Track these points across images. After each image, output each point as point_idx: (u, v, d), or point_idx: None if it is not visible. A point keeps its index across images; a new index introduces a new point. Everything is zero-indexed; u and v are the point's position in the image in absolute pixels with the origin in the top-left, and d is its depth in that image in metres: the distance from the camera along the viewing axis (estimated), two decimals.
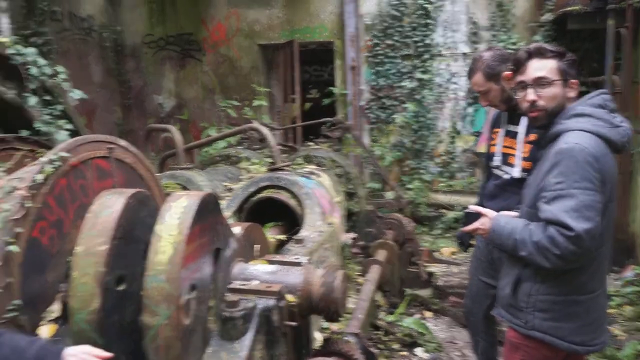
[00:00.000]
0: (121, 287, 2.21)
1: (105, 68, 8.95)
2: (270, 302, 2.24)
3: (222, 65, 9.00)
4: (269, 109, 8.65)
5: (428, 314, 4.91)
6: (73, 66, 6.81)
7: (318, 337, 2.91)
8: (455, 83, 8.18)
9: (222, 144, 6.09)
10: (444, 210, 7.56)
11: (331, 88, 8.50)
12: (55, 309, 2.37)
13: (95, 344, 2.08)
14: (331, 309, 2.40)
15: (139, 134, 8.81)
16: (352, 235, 4.20)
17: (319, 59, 10.91)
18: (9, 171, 2.53)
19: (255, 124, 4.32)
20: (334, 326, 3.18)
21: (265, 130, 4.19)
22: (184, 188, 4.01)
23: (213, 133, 7.41)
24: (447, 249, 6.81)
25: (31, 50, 3.38)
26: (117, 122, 9.20)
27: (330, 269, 2.50)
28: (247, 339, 2.12)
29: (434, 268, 5.66)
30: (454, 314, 4.76)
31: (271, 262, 2.66)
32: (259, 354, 2.21)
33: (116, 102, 9.22)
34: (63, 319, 2.36)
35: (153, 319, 1.99)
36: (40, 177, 2.31)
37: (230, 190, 4.12)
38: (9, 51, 3.22)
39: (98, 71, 8.79)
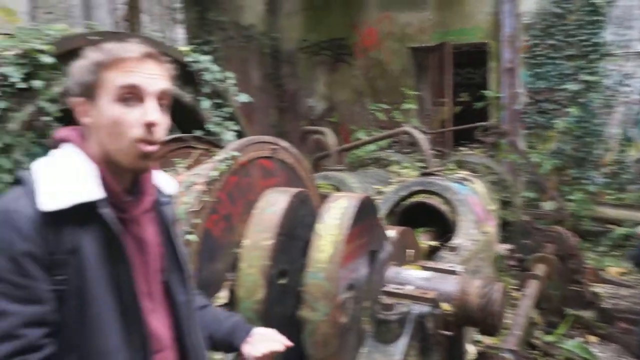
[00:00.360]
0: (283, 281, 2.32)
1: (263, 73, 9.54)
2: (425, 308, 2.20)
3: (372, 69, 9.10)
4: (418, 113, 8.55)
5: (592, 338, 4.46)
6: (235, 71, 7.36)
7: (471, 350, 2.79)
8: (628, 85, 7.36)
9: (371, 146, 6.15)
10: (611, 226, 6.82)
11: (484, 91, 8.14)
12: (223, 296, 2.56)
13: None
14: (489, 322, 2.28)
15: (292, 135, 9.25)
16: (507, 246, 3.97)
17: (471, 61, 10.54)
18: (187, 168, 2.79)
19: (408, 128, 4.29)
20: (488, 340, 3.03)
21: (418, 134, 4.14)
22: (337, 189, 4.11)
23: (362, 136, 7.51)
24: (615, 268, 6.13)
25: (206, 57, 3.71)
26: (272, 124, 9.76)
27: (489, 280, 2.39)
28: (402, 343, 2.10)
29: (599, 288, 5.13)
30: (625, 342, 4.26)
31: (425, 268, 2.61)
32: None
33: (272, 105, 9.79)
34: (229, 306, 2.56)
35: (312, 314, 2.06)
36: (214, 174, 2.51)
37: (380, 193, 4.14)
38: (188, 59, 3.56)
39: (257, 76, 9.41)
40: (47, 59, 2.79)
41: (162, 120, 1.18)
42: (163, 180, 1.37)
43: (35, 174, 1.14)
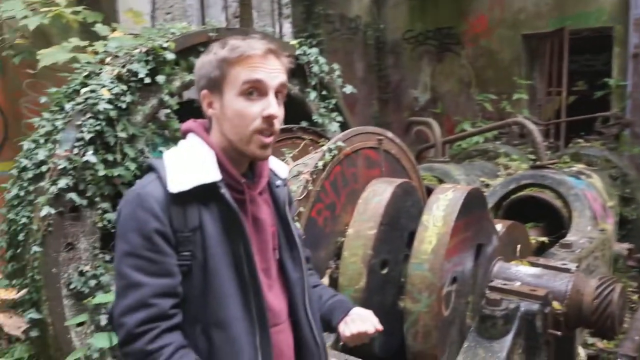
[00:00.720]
0: (384, 271, 2.35)
1: (367, 64, 9.54)
2: (535, 306, 2.11)
3: (480, 58, 8.76)
4: (529, 103, 8.11)
5: None
6: (340, 63, 7.44)
7: (582, 353, 2.64)
8: None
9: (477, 138, 5.95)
10: None
11: (606, 79, 7.53)
12: (324, 283, 2.64)
13: None
14: (606, 324, 2.15)
15: (394, 126, 9.18)
16: (626, 245, 3.68)
17: (590, 48, 9.79)
18: (294, 158, 2.89)
19: (520, 118, 4.10)
20: (601, 344, 2.85)
21: (531, 125, 3.94)
22: (440, 181, 4.04)
23: (467, 127, 7.28)
24: None
25: (314, 50, 3.80)
26: (374, 115, 9.75)
27: (606, 280, 2.24)
28: (507, 340, 2.04)
29: None
30: None
31: (534, 265, 2.50)
32: (518, 358, 2.11)
33: (374, 96, 9.77)
34: None
35: (414, 305, 2.06)
36: (320, 164, 2.58)
37: (487, 186, 4.01)
38: (297, 52, 3.66)
39: (360, 67, 9.43)
40: (170, 55, 3.01)
41: (280, 113, 1.26)
42: (277, 165, 1.46)
43: (164, 161, 1.25)
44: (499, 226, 2.53)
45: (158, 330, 1.15)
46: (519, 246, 2.62)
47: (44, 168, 2.64)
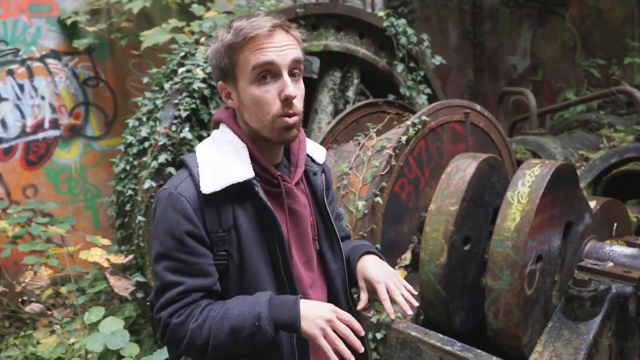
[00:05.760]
0: (466, 247, 2.33)
1: (462, 31, 9.16)
2: (628, 288, 2.00)
3: (588, 19, 8.09)
4: None
5: None
6: (433, 32, 7.21)
7: None
8: None
9: (579, 108, 5.57)
10: None
11: None
12: (407, 257, 2.66)
13: (438, 296, 2.27)
14: None
15: (489, 96, 8.80)
16: None
17: None
18: (379, 132, 2.90)
19: (625, 86, 3.79)
20: None
21: (638, 94, 3.63)
22: (534, 154, 3.87)
23: (571, 96, 6.82)
24: None
25: (402, 21, 3.73)
26: (468, 85, 9.38)
27: None
28: (595, 322, 1.96)
29: None
30: None
31: (631, 245, 2.36)
32: (607, 341, 2.02)
33: (469, 65, 9.39)
34: (412, 267, 2.65)
35: (495, 282, 2.04)
36: (404, 139, 2.58)
37: (586, 159, 3.78)
38: (385, 24, 3.63)
39: (455, 35, 9.08)
40: None
41: (298, 92, 1.18)
42: (313, 150, 1.40)
43: (197, 157, 1.22)
44: (593, 203, 2.40)
45: (188, 310, 1.16)
46: (615, 224, 2.48)
47: (146, 144, 2.87)
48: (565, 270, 2.22)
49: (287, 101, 1.16)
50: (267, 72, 1.15)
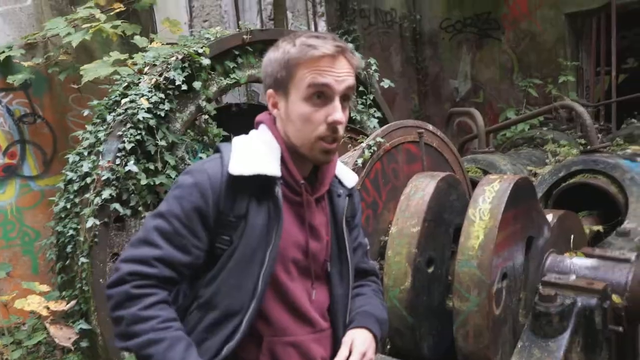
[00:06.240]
0: (430, 269, 2.27)
1: (405, 57, 9.38)
2: (592, 301, 1.99)
3: (522, 42, 8.46)
4: (576, 85, 7.78)
5: None
6: (377, 58, 7.34)
7: None
8: None
9: (522, 126, 5.75)
10: None
11: None
12: None
13: (404, 323, 2.19)
14: None
15: (435, 119, 8.99)
16: None
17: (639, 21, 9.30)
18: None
19: (567, 101, 3.92)
20: None
21: (579, 108, 3.75)
22: (485, 172, 3.91)
23: (511, 115, 7.05)
24: None
25: (350, 46, 3.73)
26: (414, 109, 9.58)
27: None
28: (564, 338, 1.93)
29: None
30: None
31: (590, 256, 2.37)
32: (576, 357, 2.00)
33: (413, 89, 9.60)
34: None
35: (463, 304, 1.98)
36: (360, 161, 2.53)
37: (535, 175, 3.85)
38: None
39: (398, 61, 9.29)
40: (205, 61, 3.02)
41: (344, 119, 1.22)
42: (344, 174, 1.40)
43: (232, 145, 1.25)
44: (550, 216, 2.41)
45: (147, 282, 1.15)
46: (572, 237, 2.49)
47: (88, 180, 2.70)
48: (529, 286, 2.20)
49: (333, 126, 1.19)
50: (321, 94, 1.19)
